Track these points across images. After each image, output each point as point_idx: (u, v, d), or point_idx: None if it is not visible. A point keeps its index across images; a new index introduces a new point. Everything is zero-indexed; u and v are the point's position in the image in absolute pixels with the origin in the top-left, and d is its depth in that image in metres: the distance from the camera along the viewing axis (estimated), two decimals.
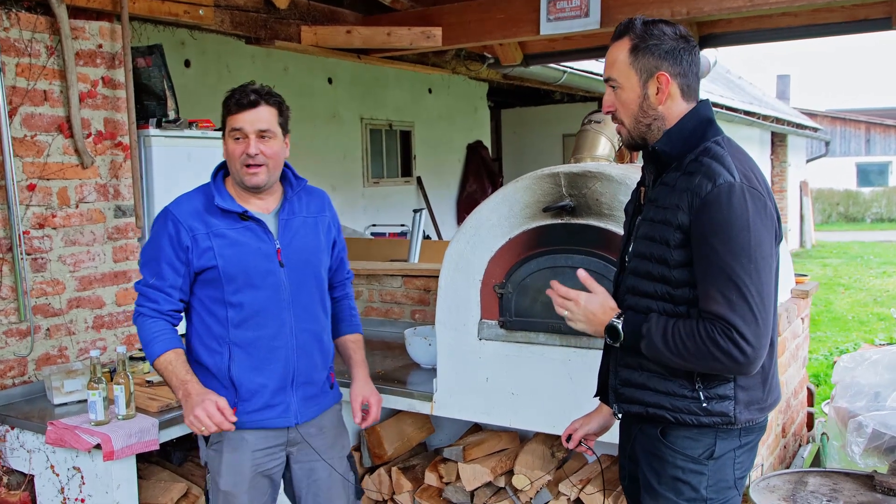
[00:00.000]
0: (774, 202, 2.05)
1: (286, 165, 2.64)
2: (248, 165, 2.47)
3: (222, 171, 2.61)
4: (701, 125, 2.05)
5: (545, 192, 3.14)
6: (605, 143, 3.43)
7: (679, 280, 1.98)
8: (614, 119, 2.14)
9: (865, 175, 30.24)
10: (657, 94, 2.04)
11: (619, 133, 2.15)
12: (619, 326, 2.04)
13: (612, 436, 2.41)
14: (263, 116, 2.46)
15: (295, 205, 2.64)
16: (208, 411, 2.35)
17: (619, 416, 2.22)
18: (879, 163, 30.38)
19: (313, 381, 2.67)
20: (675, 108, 2.06)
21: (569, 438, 2.43)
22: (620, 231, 2.81)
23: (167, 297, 2.53)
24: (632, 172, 3.03)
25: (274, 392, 2.58)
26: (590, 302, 2.09)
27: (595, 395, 2.38)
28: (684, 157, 2.02)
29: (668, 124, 2.06)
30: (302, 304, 2.61)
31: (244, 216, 2.53)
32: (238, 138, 2.46)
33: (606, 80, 2.10)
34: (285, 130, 2.57)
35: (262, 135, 2.46)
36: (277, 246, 2.56)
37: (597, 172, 3.03)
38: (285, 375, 2.59)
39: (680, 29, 2.07)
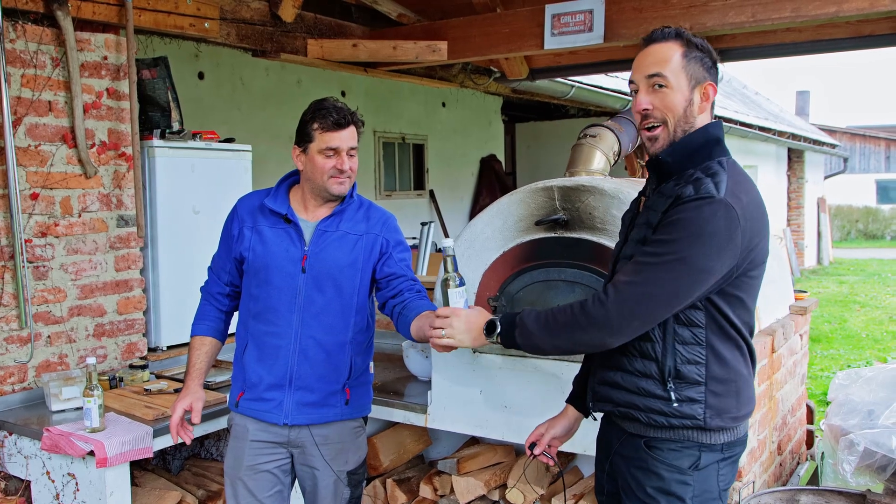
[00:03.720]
0: (766, 223, 2.04)
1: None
2: (336, 177, 2.68)
3: (290, 179, 2.82)
4: (708, 143, 2.05)
5: (539, 205, 3.15)
6: (599, 157, 3.43)
7: None
8: (648, 119, 2.05)
9: (885, 192, 29.92)
10: (701, 102, 2.04)
11: (651, 139, 2.06)
12: (497, 320, 2.14)
13: (590, 448, 2.41)
14: (354, 135, 2.71)
15: (341, 219, 2.75)
16: (172, 420, 2.74)
17: (595, 417, 2.29)
18: None
19: (313, 389, 2.71)
20: (703, 123, 2.07)
21: (532, 445, 2.43)
22: (613, 245, 2.80)
23: (216, 278, 2.88)
24: (625, 187, 3.03)
25: (269, 387, 2.71)
26: (469, 313, 2.22)
27: (567, 400, 2.44)
28: (686, 171, 2.02)
29: None
30: (313, 312, 2.69)
31: (286, 219, 2.72)
32: (330, 155, 2.66)
33: (651, 77, 2.02)
34: None
35: (350, 152, 2.69)
36: (305, 252, 2.68)
37: (590, 186, 3.03)
38: (283, 374, 2.70)
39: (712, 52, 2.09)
